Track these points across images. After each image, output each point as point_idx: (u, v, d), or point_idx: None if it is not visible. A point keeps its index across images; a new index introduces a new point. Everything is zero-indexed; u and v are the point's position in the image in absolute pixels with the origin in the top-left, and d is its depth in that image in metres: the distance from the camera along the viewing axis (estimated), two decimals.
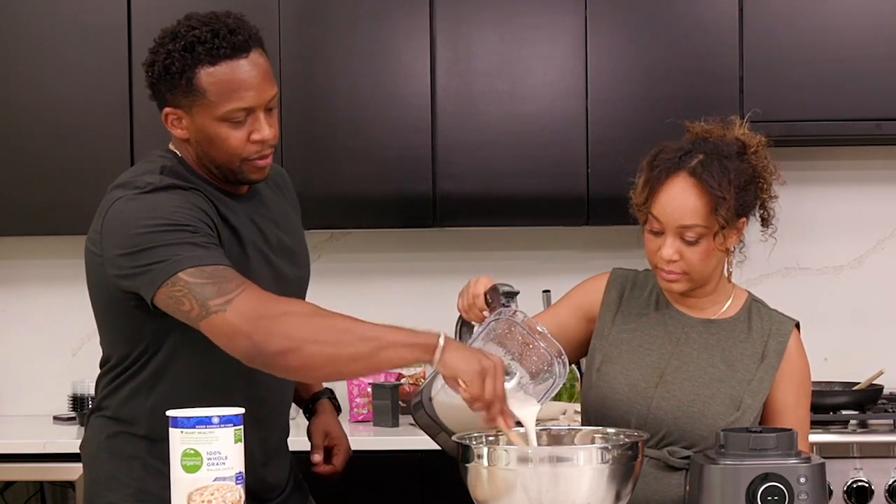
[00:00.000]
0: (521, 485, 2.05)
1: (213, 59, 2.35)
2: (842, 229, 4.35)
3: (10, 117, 4.05)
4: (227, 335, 2.19)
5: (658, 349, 2.56)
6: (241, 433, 2.06)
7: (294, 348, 2.16)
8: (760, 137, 2.56)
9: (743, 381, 2.52)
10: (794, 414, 2.55)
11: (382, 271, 4.32)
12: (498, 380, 2.14)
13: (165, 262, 2.23)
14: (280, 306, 2.22)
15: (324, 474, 2.69)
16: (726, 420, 2.47)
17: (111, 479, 2.46)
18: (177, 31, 2.39)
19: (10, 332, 4.43)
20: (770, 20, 3.96)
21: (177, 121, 2.42)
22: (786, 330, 2.59)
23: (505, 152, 4.00)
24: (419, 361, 2.18)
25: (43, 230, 4.15)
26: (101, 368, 2.51)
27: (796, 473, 2.16)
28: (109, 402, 2.47)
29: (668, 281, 2.51)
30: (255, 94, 2.37)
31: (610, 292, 2.64)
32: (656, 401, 2.50)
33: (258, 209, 2.51)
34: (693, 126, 2.58)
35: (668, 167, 2.48)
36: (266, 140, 2.40)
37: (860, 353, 4.28)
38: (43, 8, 4.04)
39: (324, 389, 2.82)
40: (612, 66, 4.00)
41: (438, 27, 4.01)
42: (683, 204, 2.45)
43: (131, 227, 2.29)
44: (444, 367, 2.15)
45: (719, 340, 2.56)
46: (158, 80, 2.41)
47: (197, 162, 2.45)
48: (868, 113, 3.96)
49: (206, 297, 2.19)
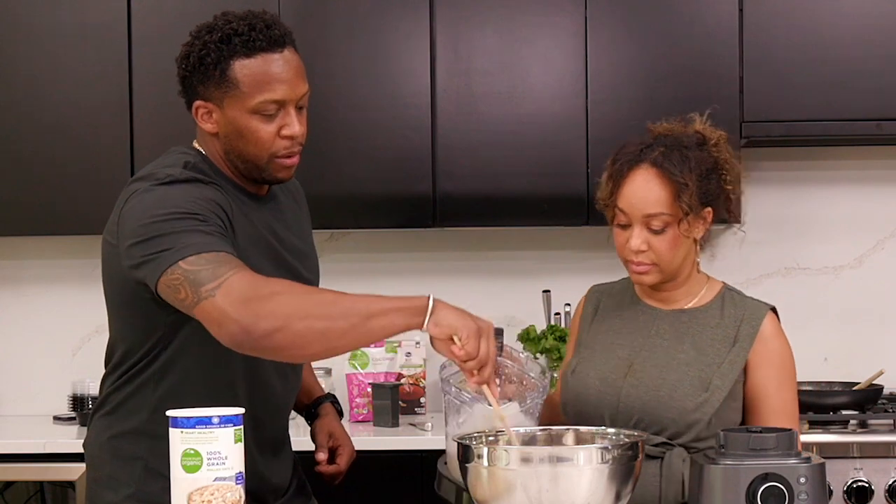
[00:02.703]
0: (521, 485, 2.05)
1: (248, 52, 2.36)
2: (842, 229, 4.35)
3: (10, 117, 4.05)
4: (217, 321, 2.15)
5: (630, 343, 2.62)
6: (241, 433, 2.06)
7: (281, 327, 2.11)
8: (721, 132, 2.64)
9: (713, 364, 2.55)
10: (778, 397, 2.56)
11: (382, 271, 4.32)
12: (492, 341, 2.12)
13: (169, 250, 2.22)
14: (269, 286, 2.18)
15: (327, 474, 2.69)
16: (695, 401, 2.50)
17: (112, 479, 2.46)
18: (213, 25, 2.41)
19: (10, 332, 4.43)
20: (770, 20, 3.96)
21: (207, 114, 2.42)
22: (759, 314, 2.61)
23: (505, 152, 4.00)
24: (409, 327, 2.13)
25: (43, 230, 4.15)
26: (106, 366, 2.51)
27: (796, 473, 2.16)
28: (114, 398, 2.47)
29: (638, 273, 2.58)
30: (287, 87, 2.39)
31: (587, 308, 2.74)
32: (626, 389, 2.54)
33: (275, 212, 2.53)
34: (654, 126, 2.66)
35: (629, 160, 2.57)
36: (295, 136, 2.41)
37: (860, 353, 4.28)
38: (43, 8, 4.04)
39: (326, 394, 2.83)
40: (612, 66, 4.00)
41: (438, 27, 4.01)
42: (647, 193, 2.53)
43: (144, 217, 2.28)
44: (437, 326, 2.11)
45: (689, 328, 2.60)
46: (192, 72, 2.40)
47: (223, 158, 2.45)
48: (868, 113, 3.96)
49: (199, 282, 2.17)
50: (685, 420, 2.50)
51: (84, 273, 4.35)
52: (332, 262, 4.31)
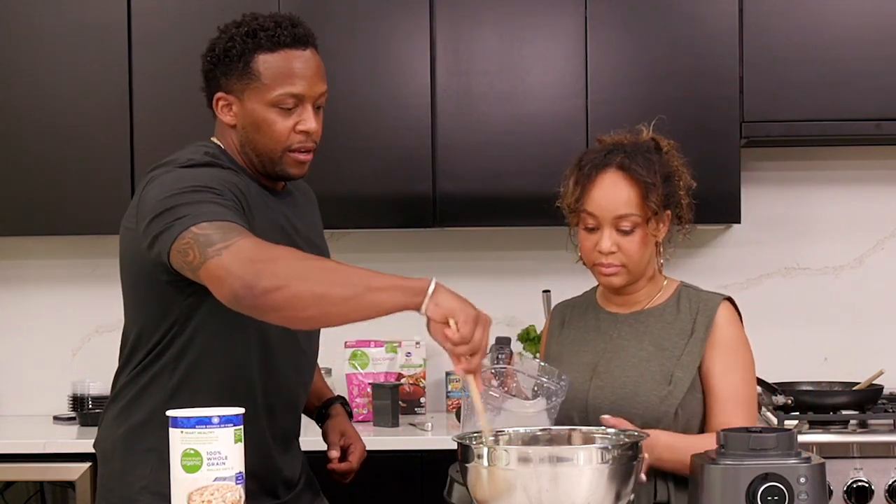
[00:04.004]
0: (521, 485, 2.05)
1: (273, 46, 2.43)
2: (842, 229, 4.35)
3: (10, 117, 4.05)
4: (221, 278, 2.17)
5: (593, 349, 2.69)
6: (241, 433, 2.06)
7: (281, 286, 2.12)
8: (671, 141, 2.71)
9: (672, 357, 2.61)
10: (724, 380, 2.60)
11: (382, 271, 4.32)
12: (487, 332, 2.13)
13: (184, 217, 2.25)
14: (276, 250, 2.21)
15: (340, 471, 2.72)
16: (659, 395, 2.56)
17: (126, 473, 2.48)
18: (241, 21, 2.48)
19: (10, 332, 4.43)
20: (770, 20, 3.96)
21: (226, 107, 2.48)
22: (713, 304, 2.66)
23: (505, 152, 4.01)
24: (407, 306, 2.13)
25: (43, 230, 4.15)
26: (119, 361, 2.53)
27: (796, 473, 2.16)
28: (129, 390, 2.49)
29: (607, 275, 2.64)
30: (307, 84, 2.45)
31: (553, 323, 2.82)
32: (592, 392, 2.61)
33: (292, 206, 2.58)
34: (604, 137, 2.73)
35: (596, 164, 2.63)
36: (311, 132, 2.46)
37: (860, 353, 4.28)
38: (43, 8, 4.04)
39: (336, 396, 2.86)
40: (612, 66, 4.00)
41: (438, 27, 4.01)
42: (616, 195, 2.60)
43: (162, 194, 2.31)
44: (436, 307, 2.11)
45: (648, 327, 2.66)
46: (216, 64, 2.47)
47: (239, 152, 2.49)
48: (868, 113, 3.96)
49: (208, 244, 2.19)
50: (652, 414, 2.55)
51: (84, 273, 4.35)
52: None
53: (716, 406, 2.59)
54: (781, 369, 4.07)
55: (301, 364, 2.59)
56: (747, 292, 4.30)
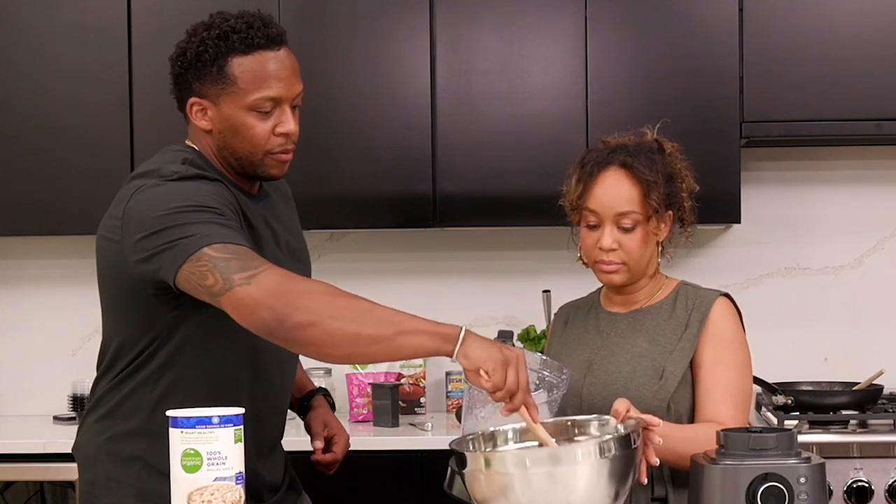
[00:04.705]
0: (520, 485, 2.05)
1: (246, 49, 2.38)
2: (842, 229, 4.35)
3: (10, 117, 4.06)
4: (250, 308, 2.15)
5: (590, 347, 2.71)
6: (241, 433, 2.06)
7: (316, 322, 2.12)
8: (675, 144, 2.74)
9: (665, 352, 2.63)
10: (712, 372, 2.60)
11: (382, 271, 4.33)
12: (521, 370, 2.13)
13: (192, 237, 2.21)
14: (304, 284, 2.21)
15: (323, 462, 2.70)
16: (650, 389, 2.59)
17: (111, 480, 2.45)
18: (211, 23, 2.42)
19: (10, 332, 4.43)
20: (770, 20, 3.96)
21: (201, 112, 2.43)
22: (709, 300, 2.68)
23: (505, 152, 4.01)
24: (438, 352, 2.14)
25: (43, 230, 4.15)
26: (98, 368, 2.50)
27: (796, 473, 2.16)
28: (110, 398, 2.46)
29: (608, 272, 2.66)
30: (284, 85, 2.41)
31: (557, 324, 2.85)
32: (586, 388, 2.64)
33: (269, 209, 2.54)
34: (608, 138, 2.75)
35: (598, 162, 2.66)
36: (290, 134, 2.43)
37: (860, 353, 4.28)
38: (43, 8, 4.04)
39: (318, 388, 2.84)
40: (612, 66, 4.00)
41: (438, 27, 4.01)
42: (618, 193, 2.62)
43: (156, 210, 2.27)
44: (466, 359, 2.12)
45: (644, 324, 2.69)
46: (188, 69, 2.41)
47: (216, 156, 2.45)
48: (868, 113, 3.96)
49: (230, 271, 2.17)
50: (644, 408, 2.53)
51: (84, 273, 4.34)
52: (332, 262, 4.31)
53: (702, 395, 2.60)
54: (781, 369, 4.07)
55: (285, 369, 2.57)
56: (747, 292, 4.30)
